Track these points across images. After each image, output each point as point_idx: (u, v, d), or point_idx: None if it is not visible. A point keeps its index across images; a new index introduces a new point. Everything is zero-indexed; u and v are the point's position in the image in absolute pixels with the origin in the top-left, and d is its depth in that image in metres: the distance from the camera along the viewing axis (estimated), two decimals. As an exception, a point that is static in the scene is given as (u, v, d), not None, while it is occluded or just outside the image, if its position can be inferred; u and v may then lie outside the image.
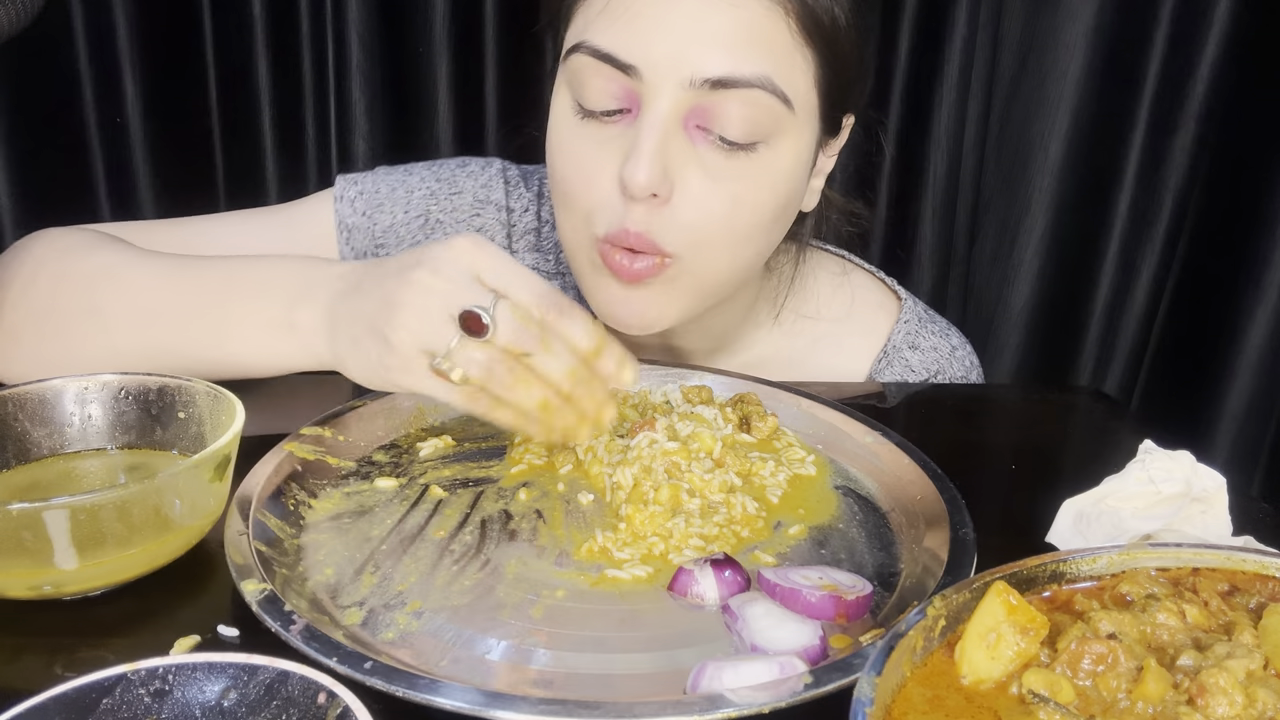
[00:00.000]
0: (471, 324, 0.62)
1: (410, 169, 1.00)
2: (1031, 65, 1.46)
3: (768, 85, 0.76)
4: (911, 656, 0.44)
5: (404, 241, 0.96)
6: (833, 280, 1.02)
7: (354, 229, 0.95)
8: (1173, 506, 0.64)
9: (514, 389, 0.64)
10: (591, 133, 0.80)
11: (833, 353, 1.00)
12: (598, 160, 0.79)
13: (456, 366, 0.63)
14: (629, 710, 0.48)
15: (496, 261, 0.64)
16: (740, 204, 0.79)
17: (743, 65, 0.75)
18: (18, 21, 1.13)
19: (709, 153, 0.78)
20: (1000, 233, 1.55)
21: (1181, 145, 1.44)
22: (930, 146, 1.47)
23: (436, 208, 0.97)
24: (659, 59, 0.75)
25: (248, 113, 1.52)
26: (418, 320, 0.63)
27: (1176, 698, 0.42)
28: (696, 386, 0.84)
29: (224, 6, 1.47)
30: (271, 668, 0.45)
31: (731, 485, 0.72)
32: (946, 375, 1.01)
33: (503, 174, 1.00)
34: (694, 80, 0.75)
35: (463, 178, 0.99)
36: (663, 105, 0.76)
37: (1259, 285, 1.35)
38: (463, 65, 1.49)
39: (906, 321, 1.01)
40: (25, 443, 0.67)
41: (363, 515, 0.68)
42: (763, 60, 0.76)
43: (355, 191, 0.97)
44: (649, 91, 0.76)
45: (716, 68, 0.75)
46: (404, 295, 0.63)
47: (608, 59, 0.76)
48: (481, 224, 0.98)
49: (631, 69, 0.76)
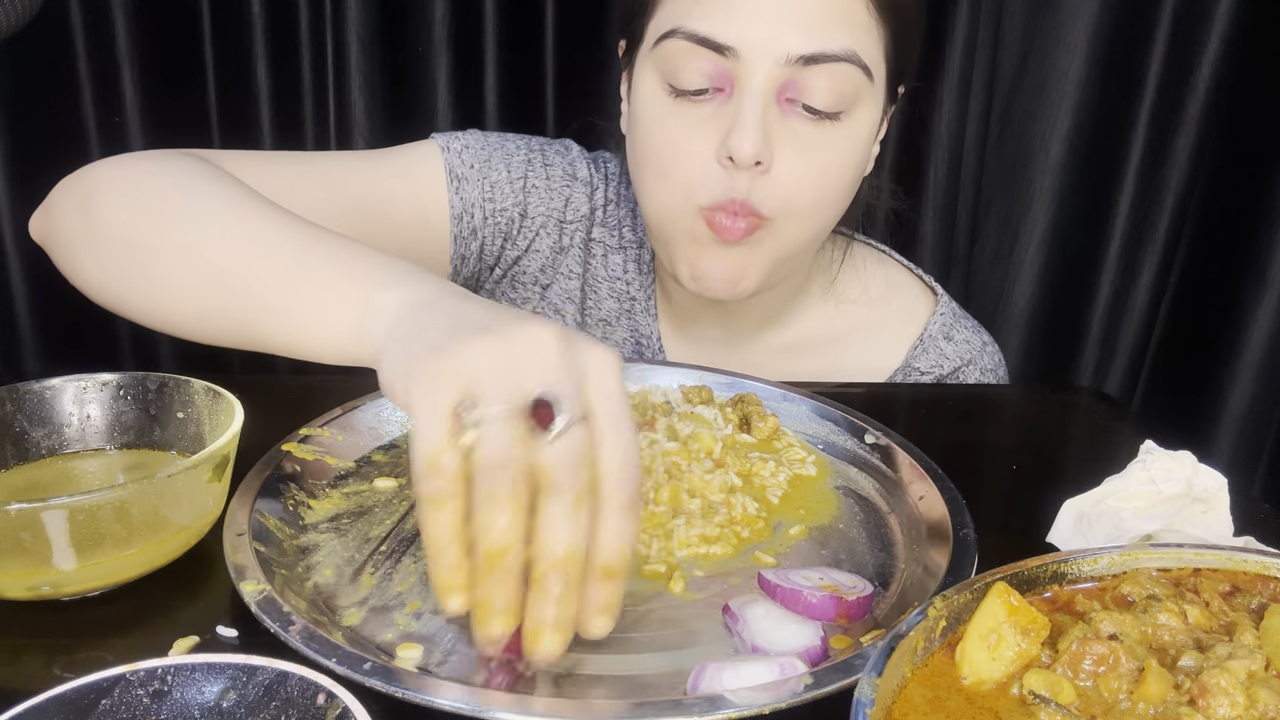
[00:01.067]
0: (542, 412, 0.50)
1: (504, 136, 1.05)
2: (1032, 65, 1.46)
3: (853, 58, 0.83)
4: (912, 657, 0.44)
5: (508, 199, 1.00)
6: (875, 270, 1.08)
7: (464, 179, 0.99)
8: (1174, 507, 0.64)
9: (493, 507, 0.49)
10: (684, 111, 0.86)
11: (874, 335, 1.06)
12: (695, 137, 0.85)
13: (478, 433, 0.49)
14: (629, 710, 0.48)
15: (622, 398, 0.53)
16: (827, 172, 0.86)
17: (829, 41, 0.82)
18: (17, 21, 1.13)
19: (799, 124, 0.84)
20: (1001, 232, 1.55)
21: (1182, 145, 1.44)
22: (930, 146, 1.47)
23: (534, 174, 1.02)
24: (755, 40, 0.81)
25: (247, 113, 1.52)
26: (502, 364, 0.51)
27: (1178, 698, 0.42)
28: (696, 387, 0.84)
29: (223, 6, 1.47)
30: (270, 668, 0.45)
31: (732, 485, 0.72)
32: (977, 365, 1.05)
33: (583, 155, 1.07)
34: (788, 58, 0.81)
35: (551, 153, 1.05)
36: (759, 80, 0.82)
37: (1261, 285, 1.35)
38: (463, 65, 1.49)
39: (943, 314, 1.06)
40: (24, 443, 0.67)
41: (362, 516, 0.68)
42: (846, 35, 0.83)
43: (460, 145, 1.00)
44: (745, 70, 0.82)
45: (807, 45, 0.81)
46: (516, 339, 0.52)
47: (705, 42, 0.83)
48: (570, 194, 1.04)
49: (729, 50, 0.82)
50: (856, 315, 1.06)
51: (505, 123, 1.51)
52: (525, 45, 1.47)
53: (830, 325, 1.05)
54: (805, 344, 1.04)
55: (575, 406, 0.50)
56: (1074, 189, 1.49)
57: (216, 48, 1.50)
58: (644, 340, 1.06)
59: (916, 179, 1.48)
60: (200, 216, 0.73)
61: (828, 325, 1.05)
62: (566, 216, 1.04)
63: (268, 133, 1.53)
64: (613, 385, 0.52)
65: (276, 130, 1.53)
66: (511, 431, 0.49)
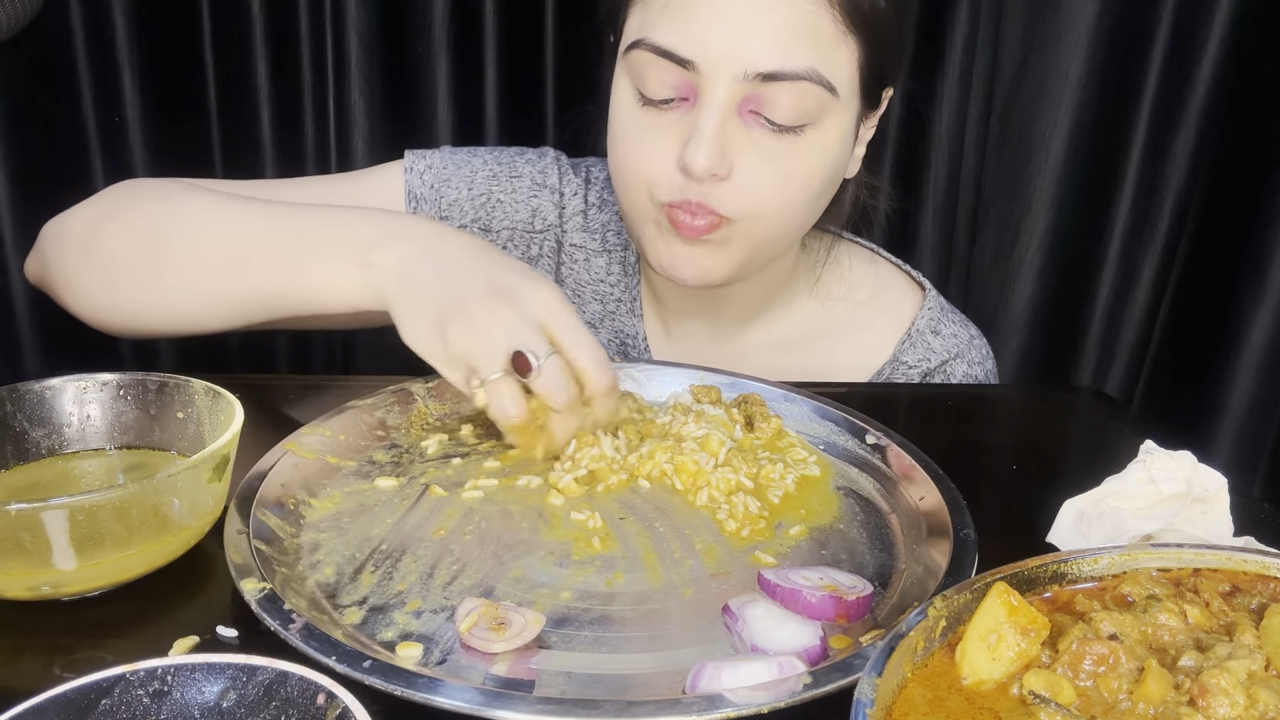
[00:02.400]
0: (520, 364, 0.70)
1: (474, 151, 1.07)
2: (1032, 65, 1.46)
3: (814, 77, 0.82)
4: (912, 657, 0.44)
5: (467, 215, 1.03)
6: (862, 267, 1.08)
7: (422, 199, 1.02)
8: (1174, 507, 0.64)
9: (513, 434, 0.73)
10: (651, 119, 0.86)
11: (862, 331, 1.06)
12: (658, 143, 0.86)
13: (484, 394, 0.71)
14: (628, 710, 0.48)
15: (571, 320, 0.72)
16: (791, 179, 0.86)
17: (791, 60, 0.81)
18: (17, 21, 1.13)
19: (761, 135, 0.84)
20: (1001, 232, 1.54)
21: (1182, 145, 1.44)
22: (930, 146, 1.46)
23: (498, 188, 1.04)
24: (715, 54, 0.81)
25: (247, 113, 1.52)
26: (479, 342, 0.71)
27: (1178, 698, 0.42)
28: (705, 386, 0.85)
29: (224, 7, 1.47)
30: (270, 668, 0.45)
31: (740, 485, 0.72)
32: (964, 359, 1.05)
33: (556, 162, 1.08)
34: (747, 74, 0.81)
35: (521, 163, 1.06)
36: (719, 95, 0.82)
37: (1260, 285, 1.35)
38: (463, 65, 1.49)
39: (930, 309, 1.06)
40: (24, 443, 0.67)
41: (363, 514, 0.68)
42: (810, 53, 0.82)
43: (424, 165, 1.03)
44: (706, 83, 0.82)
45: (768, 63, 0.81)
46: (479, 313, 0.71)
47: (667, 55, 0.83)
48: (537, 204, 1.05)
49: (690, 64, 0.82)
50: (844, 312, 1.06)
51: (505, 123, 1.51)
52: (525, 45, 1.47)
53: (817, 321, 1.06)
54: (792, 340, 1.05)
55: (541, 346, 0.70)
56: (1074, 189, 1.49)
57: (216, 48, 1.50)
58: (629, 340, 1.06)
59: (916, 179, 1.48)
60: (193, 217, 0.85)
61: (814, 321, 1.06)
62: (535, 226, 1.05)
63: (268, 133, 1.53)
64: (562, 315, 0.72)
65: (276, 130, 1.53)
66: (504, 386, 0.70)
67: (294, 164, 1.56)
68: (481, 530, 0.67)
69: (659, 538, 0.67)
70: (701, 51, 0.81)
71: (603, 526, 0.68)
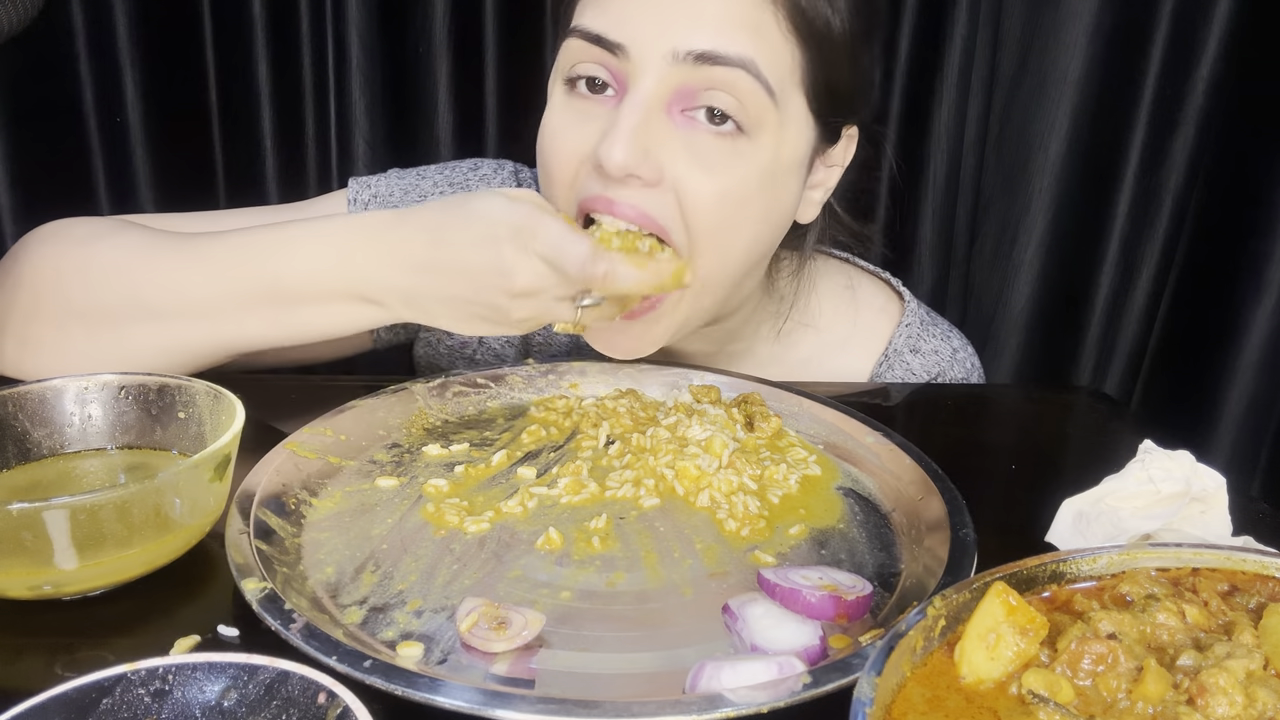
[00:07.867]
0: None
1: (423, 172, 1.02)
2: (1032, 65, 1.46)
3: (750, 68, 0.77)
4: (911, 656, 0.44)
5: None
6: (836, 293, 1.02)
7: None
8: (1172, 506, 0.64)
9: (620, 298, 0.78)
10: (577, 108, 0.82)
11: (833, 358, 1.01)
12: (579, 135, 0.80)
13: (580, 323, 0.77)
14: (628, 709, 0.48)
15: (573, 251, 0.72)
16: (727, 196, 0.79)
17: (727, 44, 0.76)
18: (18, 21, 1.13)
19: (694, 135, 0.78)
20: (1000, 232, 1.55)
21: (1181, 145, 1.44)
22: (930, 146, 1.47)
23: None
24: (645, 36, 0.77)
25: (248, 113, 1.52)
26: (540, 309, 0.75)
27: (1176, 698, 0.42)
28: (705, 386, 0.85)
29: (224, 6, 1.47)
30: (271, 668, 0.45)
31: (742, 486, 0.72)
32: (947, 378, 1.02)
33: (514, 175, 1.03)
34: (677, 53, 0.76)
35: (475, 180, 1.01)
36: (647, 83, 0.77)
37: (1259, 285, 1.35)
38: (463, 65, 1.49)
39: (908, 325, 1.01)
40: (25, 443, 0.67)
41: (363, 514, 0.68)
42: (747, 44, 0.77)
43: (369, 194, 0.99)
44: (635, 70, 0.78)
45: (701, 42, 0.76)
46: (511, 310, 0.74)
47: (597, 40, 0.78)
48: None
49: (619, 48, 0.78)
50: (814, 342, 1.00)
51: (505, 123, 1.52)
52: (525, 45, 1.47)
53: (784, 358, 1.00)
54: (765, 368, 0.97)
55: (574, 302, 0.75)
56: (1073, 189, 1.49)
57: (217, 48, 1.50)
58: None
59: (916, 179, 1.48)
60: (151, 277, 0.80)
61: (781, 359, 1.00)
62: None
63: (268, 133, 1.53)
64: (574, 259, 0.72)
65: (276, 130, 1.53)
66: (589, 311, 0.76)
67: (294, 164, 1.56)
68: (482, 530, 0.67)
69: (659, 537, 0.67)
70: (631, 35, 0.77)
71: (604, 526, 0.68)
